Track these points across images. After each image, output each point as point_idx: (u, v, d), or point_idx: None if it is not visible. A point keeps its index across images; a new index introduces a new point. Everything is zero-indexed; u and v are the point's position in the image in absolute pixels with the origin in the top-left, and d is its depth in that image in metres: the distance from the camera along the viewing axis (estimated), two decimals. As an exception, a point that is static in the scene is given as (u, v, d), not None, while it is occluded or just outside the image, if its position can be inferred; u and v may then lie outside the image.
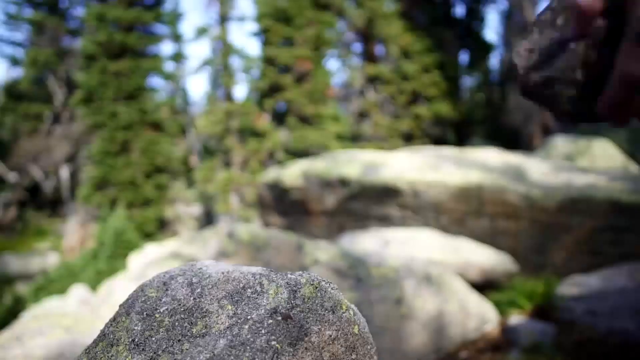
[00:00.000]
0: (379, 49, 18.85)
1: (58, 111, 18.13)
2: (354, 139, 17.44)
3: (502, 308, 4.41)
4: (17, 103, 17.86)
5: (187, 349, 0.95)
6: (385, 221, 6.32)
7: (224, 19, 19.29)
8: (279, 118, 17.22)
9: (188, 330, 0.98)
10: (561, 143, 8.71)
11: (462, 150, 7.61)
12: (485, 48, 19.72)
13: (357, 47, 19.53)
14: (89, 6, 16.22)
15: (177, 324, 1.00)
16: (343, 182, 6.71)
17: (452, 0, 19.16)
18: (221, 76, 19.92)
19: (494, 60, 29.05)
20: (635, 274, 4.27)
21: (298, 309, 1.01)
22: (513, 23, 19.74)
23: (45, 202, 18.41)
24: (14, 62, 18.95)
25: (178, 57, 18.40)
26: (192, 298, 1.05)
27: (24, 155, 16.89)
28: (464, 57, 19.91)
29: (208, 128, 18.94)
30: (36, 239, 16.45)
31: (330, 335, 0.98)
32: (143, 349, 0.97)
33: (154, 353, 0.96)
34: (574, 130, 13.94)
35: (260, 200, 8.44)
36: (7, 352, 2.67)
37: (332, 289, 1.08)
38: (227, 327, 0.98)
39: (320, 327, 0.98)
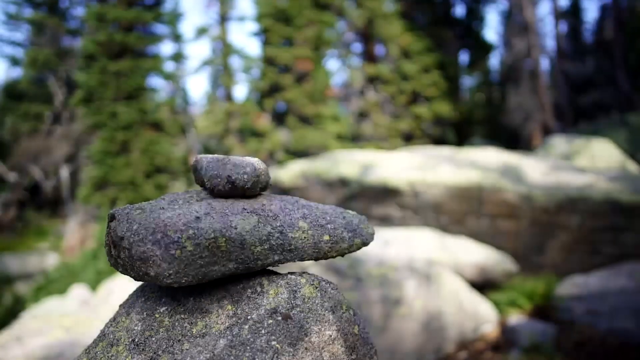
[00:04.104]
0: (379, 49, 18.84)
1: (58, 111, 18.12)
2: (354, 139, 17.43)
3: (501, 308, 4.41)
4: (17, 103, 17.85)
5: (187, 349, 0.95)
6: (386, 221, 6.32)
7: (224, 19, 19.30)
8: (279, 118, 17.21)
9: (188, 330, 0.98)
10: (560, 143, 8.71)
11: (462, 150, 7.60)
12: (485, 48, 19.72)
13: (357, 47, 19.52)
14: (89, 6, 16.20)
15: (177, 324, 1.00)
16: (343, 182, 6.71)
17: (452, 0, 19.16)
18: (221, 76, 19.93)
19: (494, 60, 29.10)
20: (635, 274, 4.27)
21: (298, 309, 1.01)
22: (513, 23, 19.73)
23: (45, 202, 18.39)
24: (14, 62, 18.94)
25: (178, 57, 18.37)
26: (191, 297, 1.05)
27: (24, 155, 16.87)
28: (464, 57, 19.94)
29: (208, 128, 18.93)
30: (36, 239, 16.44)
31: (330, 336, 0.99)
32: (143, 349, 0.97)
33: (154, 353, 0.96)
34: (574, 130, 13.95)
35: (260, 200, 8.42)
36: (7, 352, 2.67)
37: (332, 289, 1.08)
38: (227, 327, 0.98)
39: (320, 327, 0.98)
